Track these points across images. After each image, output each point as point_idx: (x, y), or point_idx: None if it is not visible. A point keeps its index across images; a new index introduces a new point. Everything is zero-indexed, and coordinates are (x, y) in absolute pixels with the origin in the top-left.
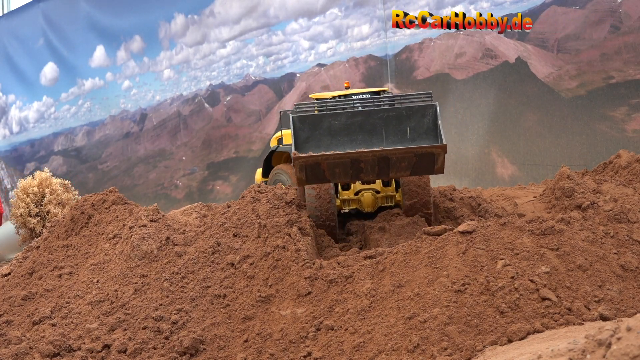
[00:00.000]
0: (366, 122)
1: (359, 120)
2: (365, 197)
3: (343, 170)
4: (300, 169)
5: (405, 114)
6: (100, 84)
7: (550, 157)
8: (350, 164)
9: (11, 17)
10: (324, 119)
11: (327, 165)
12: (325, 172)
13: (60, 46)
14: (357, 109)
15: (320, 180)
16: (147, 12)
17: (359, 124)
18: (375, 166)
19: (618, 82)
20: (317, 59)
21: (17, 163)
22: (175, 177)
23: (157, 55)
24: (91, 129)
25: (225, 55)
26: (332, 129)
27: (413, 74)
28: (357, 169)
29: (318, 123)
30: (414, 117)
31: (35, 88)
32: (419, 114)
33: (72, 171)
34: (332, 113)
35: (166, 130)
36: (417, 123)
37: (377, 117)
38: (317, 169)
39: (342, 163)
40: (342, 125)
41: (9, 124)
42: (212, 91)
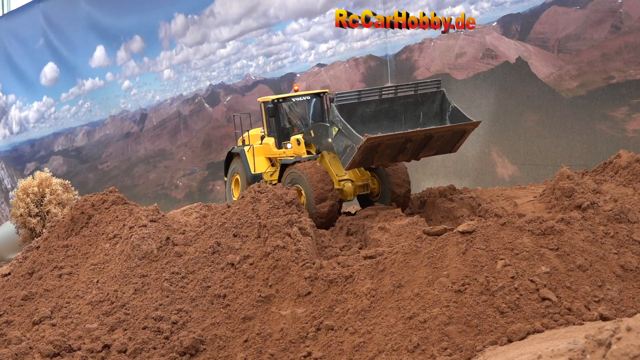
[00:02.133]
0: (390, 108)
1: (385, 107)
2: (347, 187)
3: (391, 151)
4: (362, 151)
5: (420, 100)
6: (100, 84)
7: (550, 157)
8: (402, 144)
9: (11, 17)
10: (358, 107)
11: (384, 146)
12: (377, 153)
13: (60, 46)
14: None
15: (367, 163)
16: (147, 12)
17: (385, 111)
18: (417, 145)
19: (618, 82)
20: (317, 59)
21: (17, 163)
22: (175, 177)
23: (157, 55)
24: (91, 129)
25: (225, 55)
26: (364, 116)
27: (413, 74)
28: (402, 149)
29: (354, 111)
30: (426, 103)
31: (35, 88)
32: (429, 99)
33: (72, 171)
34: (364, 101)
35: (166, 130)
36: (428, 108)
37: (399, 104)
38: (374, 150)
39: (396, 144)
40: (372, 112)
41: (9, 124)
42: (212, 91)
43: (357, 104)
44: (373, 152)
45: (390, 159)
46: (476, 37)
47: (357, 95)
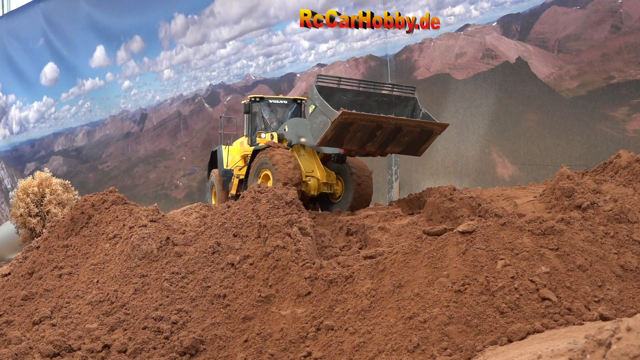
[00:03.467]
0: (365, 102)
1: (361, 99)
2: (312, 182)
3: (362, 135)
4: (335, 126)
5: (394, 101)
6: (100, 84)
7: (550, 157)
8: (372, 130)
9: (11, 17)
10: (336, 92)
11: (356, 126)
12: (349, 134)
13: (60, 46)
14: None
15: (337, 144)
16: (147, 12)
17: (360, 103)
18: (386, 136)
19: (619, 82)
20: (317, 59)
21: (17, 163)
22: (175, 177)
23: (157, 55)
24: (91, 129)
25: (225, 55)
26: (340, 102)
27: (413, 74)
28: (372, 136)
29: (331, 95)
30: (399, 105)
31: (35, 88)
32: (402, 103)
33: (72, 171)
34: (343, 89)
35: (166, 130)
36: (400, 111)
37: (374, 100)
38: (346, 129)
39: (367, 127)
40: (348, 101)
41: (9, 124)
42: (212, 91)
43: (335, 89)
44: (345, 131)
45: (359, 145)
46: (476, 37)
47: (337, 81)
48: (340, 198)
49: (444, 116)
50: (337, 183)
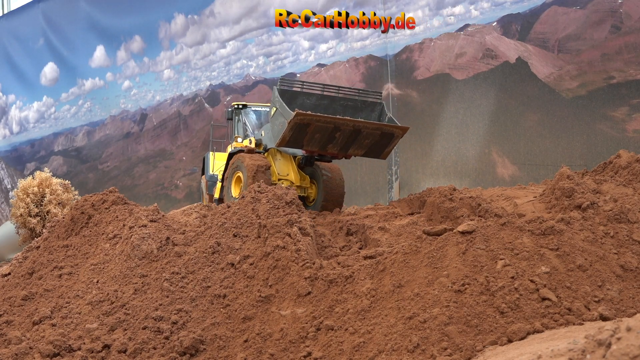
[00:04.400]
0: (330, 106)
1: (325, 103)
2: (286, 184)
3: (321, 136)
4: (292, 127)
5: (359, 106)
6: (100, 84)
7: (550, 157)
8: (330, 132)
9: (11, 17)
10: (299, 96)
11: (314, 128)
12: (307, 135)
13: (60, 46)
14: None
15: (297, 144)
16: (147, 12)
17: (324, 107)
18: (346, 138)
19: (619, 82)
20: (317, 59)
21: (17, 163)
22: (175, 177)
23: (157, 55)
24: (91, 129)
25: (225, 55)
26: (303, 106)
27: (413, 74)
28: (331, 138)
29: (294, 99)
30: (365, 110)
31: (35, 88)
32: (369, 108)
33: (72, 171)
34: (306, 92)
35: (166, 130)
36: (367, 116)
37: (339, 104)
38: (303, 130)
39: (325, 128)
40: (311, 104)
41: (9, 124)
42: (212, 91)
43: (298, 93)
44: (303, 132)
45: (320, 146)
46: (476, 37)
47: (300, 85)
48: (314, 201)
49: (444, 116)
50: (311, 186)
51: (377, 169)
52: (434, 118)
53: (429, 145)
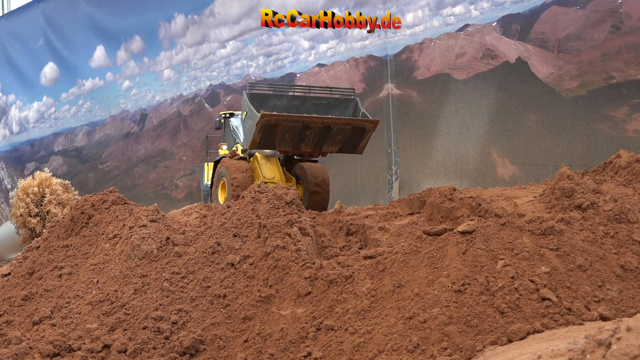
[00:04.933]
0: (302, 105)
1: (297, 103)
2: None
3: (292, 136)
4: (260, 129)
5: (332, 103)
6: (100, 84)
7: (550, 158)
8: (300, 130)
9: (11, 17)
10: (270, 98)
11: (283, 127)
12: (277, 136)
13: (60, 46)
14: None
15: (269, 146)
16: (147, 12)
17: (297, 107)
18: (317, 135)
19: (619, 82)
20: (317, 59)
21: (17, 163)
22: (175, 177)
23: (157, 55)
24: (91, 129)
25: (225, 55)
26: (275, 108)
27: (413, 74)
28: (302, 137)
29: (265, 101)
30: (339, 107)
31: (35, 88)
32: (342, 105)
33: (72, 171)
34: (277, 94)
35: (166, 131)
36: (341, 113)
37: (311, 103)
38: (273, 131)
39: (294, 127)
40: (283, 105)
41: (9, 124)
42: (212, 91)
43: (269, 96)
44: (272, 133)
45: (292, 146)
46: (476, 37)
47: (270, 88)
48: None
49: (444, 116)
50: (298, 187)
51: (377, 169)
52: (434, 118)
53: (429, 145)
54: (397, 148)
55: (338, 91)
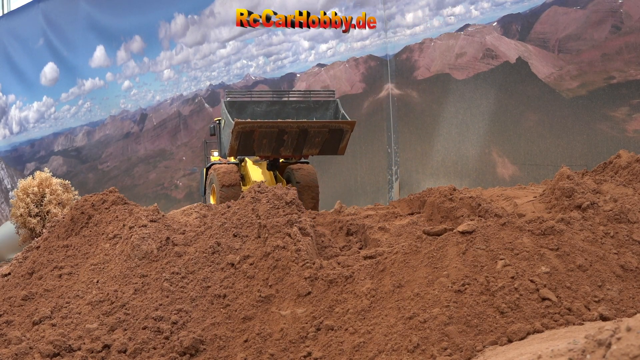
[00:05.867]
0: (282, 110)
1: (276, 108)
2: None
3: (269, 141)
4: (236, 137)
5: (312, 106)
6: (100, 84)
7: (550, 157)
8: (277, 135)
9: (11, 17)
10: (248, 105)
11: (259, 134)
12: (255, 142)
13: (60, 46)
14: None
15: (248, 152)
16: (147, 12)
17: (276, 112)
18: (295, 139)
19: (619, 82)
20: (317, 59)
21: (17, 163)
22: (175, 177)
23: (157, 55)
24: (91, 129)
25: (225, 55)
26: (254, 114)
27: (413, 74)
28: (280, 141)
29: (244, 108)
30: (319, 110)
31: (35, 88)
32: (323, 107)
33: (72, 171)
34: (256, 101)
35: (166, 131)
36: (322, 115)
37: (291, 107)
38: (249, 138)
39: (270, 133)
40: (262, 111)
41: (9, 124)
42: (212, 91)
43: (248, 102)
44: (249, 139)
45: (271, 150)
46: (476, 37)
47: (248, 95)
48: None
49: (444, 116)
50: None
51: (377, 169)
52: (434, 118)
53: (429, 145)
54: (397, 148)
55: (317, 94)
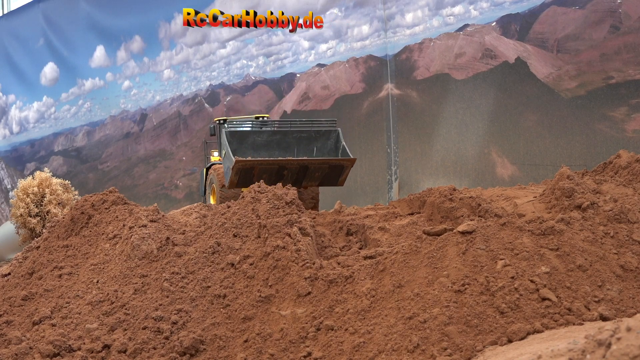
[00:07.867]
0: (283, 140)
1: (278, 138)
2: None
3: (269, 176)
4: (236, 172)
5: (314, 135)
6: (100, 84)
7: (550, 157)
8: (277, 171)
9: (11, 17)
10: (249, 135)
11: (259, 170)
12: (255, 177)
13: (60, 46)
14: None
15: (246, 185)
16: (147, 12)
17: (277, 141)
18: (295, 174)
19: (618, 82)
20: (317, 59)
21: (17, 163)
22: (175, 177)
23: (157, 55)
24: (91, 129)
25: (225, 55)
26: (256, 144)
27: (413, 74)
28: (280, 176)
29: (244, 138)
30: (320, 139)
31: (35, 88)
32: (324, 137)
33: (72, 171)
34: (257, 131)
35: (166, 131)
36: (323, 144)
37: (292, 137)
38: (249, 173)
39: (270, 169)
40: (263, 141)
41: (9, 124)
42: (212, 91)
43: (248, 132)
44: (249, 175)
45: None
46: (475, 37)
47: (249, 125)
48: None
49: (443, 116)
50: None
51: (377, 169)
52: (433, 118)
53: (428, 145)
54: (397, 148)
55: (319, 123)
